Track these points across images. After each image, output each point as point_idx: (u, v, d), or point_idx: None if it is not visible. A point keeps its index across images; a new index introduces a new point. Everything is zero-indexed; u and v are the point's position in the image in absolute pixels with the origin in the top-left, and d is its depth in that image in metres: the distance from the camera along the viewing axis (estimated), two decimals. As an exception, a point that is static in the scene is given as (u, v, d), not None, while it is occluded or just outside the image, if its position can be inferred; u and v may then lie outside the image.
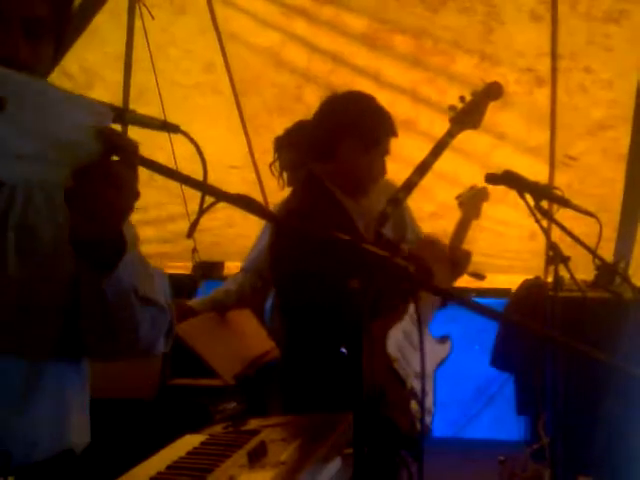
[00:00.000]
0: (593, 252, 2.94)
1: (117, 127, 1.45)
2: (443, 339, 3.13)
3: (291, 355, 2.94)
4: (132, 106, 1.48)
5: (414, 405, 2.72)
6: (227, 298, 3.80)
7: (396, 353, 2.73)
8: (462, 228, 3.32)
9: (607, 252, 4.82)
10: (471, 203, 3.36)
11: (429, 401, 2.87)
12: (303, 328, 2.83)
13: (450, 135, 3.09)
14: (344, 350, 2.61)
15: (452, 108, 3.13)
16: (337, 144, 2.85)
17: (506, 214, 4.82)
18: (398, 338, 2.79)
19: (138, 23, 4.72)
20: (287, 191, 3.46)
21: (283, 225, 2.41)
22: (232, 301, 3.81)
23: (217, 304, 3.79)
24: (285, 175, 3.79)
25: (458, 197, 3.41)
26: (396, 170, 3.13)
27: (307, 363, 2.80)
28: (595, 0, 4.43)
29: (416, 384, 2.75)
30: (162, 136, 1.84)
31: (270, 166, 3.85)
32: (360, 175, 2.87)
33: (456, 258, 3.16)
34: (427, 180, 3.03)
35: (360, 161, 2.85)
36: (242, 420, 1.84)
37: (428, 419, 2.82)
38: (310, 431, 1.71)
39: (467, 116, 3.12)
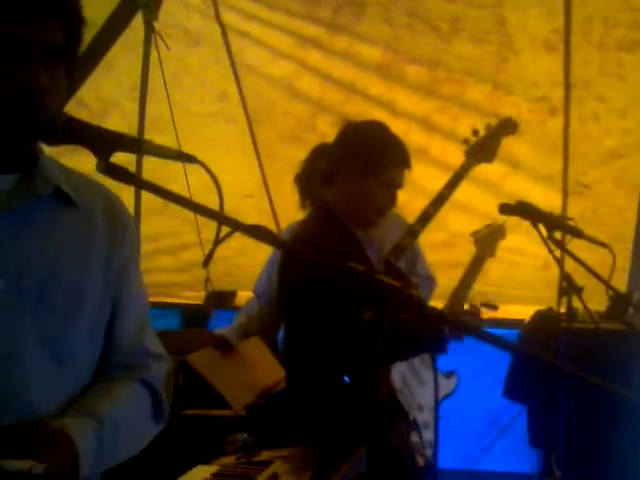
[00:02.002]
0: (606, 283, 2.93)
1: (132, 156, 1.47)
2: (449, 374, 3.11)
3: (296, 384, 2.91)
4: (147, 135, 1.50)
5: (415, 437, 2.71)
6: (251, 323, 3.81)
7: (400, 384, 2.72)
8: (476, 265, 3.29)
9: (621, 282, 4.80)
10: (487, 240, 3.33)
11: (430, 434, 2.84)
12: (311, 357, 2.80)
13: (464, 168, 3.09)
14: (347, 379, 2.60)
15: (466, 141, 3.13)
16: (336, 169, 2.85)
17: (520, 243, 4.80)
18: (403, 369, 2.78)
19: (153, 54, 4.76)
20: (300, 215, 3.45)
21: (295, 253, 2.41)
22: (255, 327, 3.82)
23: (245, 330, 3.80)
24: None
25: (474, 234, 3.38)
26: (408, 198, 3.13)
27: (313, 393, 2.77)
28: (608, 29, 4.44)
29: (419, 416, 2.73)
30: (176, 166, 1.84)
31: (296, 179, 3.77)
32: (355, 202, 2.82)
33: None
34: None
35: (354, 188, 2.81)
36: (254, 451, 1.83)
37: (429, 452, 2.79)
38: (322, 463, 1.71)
39: (481, 150, 3.12)
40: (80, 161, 1.66)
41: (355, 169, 2.81)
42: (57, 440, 1.42)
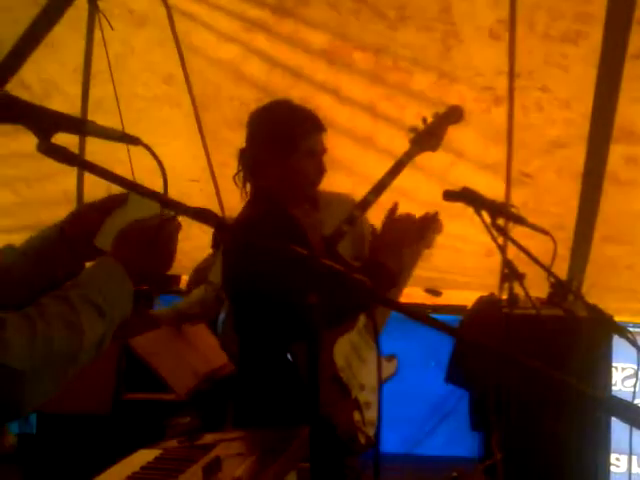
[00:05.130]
0: (548, 270, 2.96)
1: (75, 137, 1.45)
2: (389, 357, 3.12)
3: (244, 367, 2.92)
4: (90, 118, 1.48)
5: (357, 416, 2.72)
6: (189, 309, 3.80)
7: (343, 362, 2.73)
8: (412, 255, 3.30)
9: (561, 270, 4.87)
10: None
11: (373, 414, 2.85)
12: (256, 341, 2.81)
13: (408, 156, 3.08)
14: (290, 357, 2.59)
15: (413, 129, 3.12)
16: (258, 160, 2.85)
17: (463, 230, 4.84)
18: (346, 348, 2.79)
19: (97, 34, 4.69)
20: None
21: (239, 238, 2.40)
22: (195, 311, 3.81)
23: (181, 314, 3.79)
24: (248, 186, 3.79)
25: None
26: (354, 185, 3.13)
27: (260, 376, 2.78)
28: (553, 20, 4.48)
29: (360, 396, 2.75)
30: (120, 149, 1.83)
31: (234, 177, 3.83)
32: (287, 183, 2.83)
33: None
34: (385, 196, 3.03)
35: (280, 170, 2.82)
36: (197, 435, 1.82)
37: (371, 431, 2.80)
38: (265, 446, 1.71)
39: (427, 138, 3.11)
40: (22, 142, 1.63)
41: (274, 151, 2.81)
42: None
